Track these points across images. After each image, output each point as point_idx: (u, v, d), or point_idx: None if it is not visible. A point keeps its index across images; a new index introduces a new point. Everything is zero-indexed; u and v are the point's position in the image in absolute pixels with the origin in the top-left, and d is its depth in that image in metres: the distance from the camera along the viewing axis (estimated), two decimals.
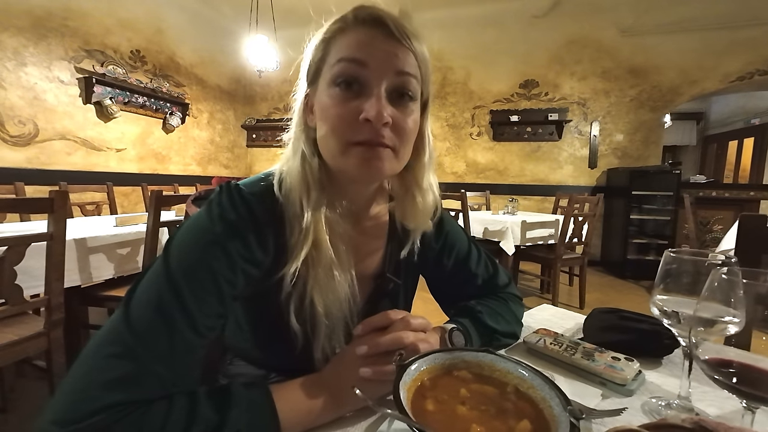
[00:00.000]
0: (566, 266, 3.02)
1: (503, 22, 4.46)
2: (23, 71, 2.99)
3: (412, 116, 0.46)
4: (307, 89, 0.49)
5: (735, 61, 3.86)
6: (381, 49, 0.43)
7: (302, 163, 0.47)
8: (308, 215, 0.45)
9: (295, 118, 0.51)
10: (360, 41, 0.43)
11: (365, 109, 0.42)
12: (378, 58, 0.43)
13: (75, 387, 0.32)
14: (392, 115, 0.43)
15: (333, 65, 0.44)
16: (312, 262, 0.45)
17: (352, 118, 0.43)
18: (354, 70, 0.43)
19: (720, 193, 4.08)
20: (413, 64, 0.45)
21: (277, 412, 0.37)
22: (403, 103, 0.45)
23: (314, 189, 0.47)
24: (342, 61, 0.44)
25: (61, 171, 3.24)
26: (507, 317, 0.60)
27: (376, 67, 0.43)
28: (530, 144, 4.57)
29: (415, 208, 0.53)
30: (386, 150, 0.44)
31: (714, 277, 0.37)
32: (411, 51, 0.45)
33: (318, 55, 0.47)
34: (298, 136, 0.50)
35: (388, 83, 0.44)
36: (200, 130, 4.76)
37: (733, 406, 0.45)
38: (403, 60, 0.44)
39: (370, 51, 0.43)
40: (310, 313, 0.47)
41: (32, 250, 1.15)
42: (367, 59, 0.43)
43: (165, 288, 0.37)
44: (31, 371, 1.58)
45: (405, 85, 0.45)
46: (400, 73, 0.44)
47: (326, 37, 0.46)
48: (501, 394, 0.36)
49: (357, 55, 0.43)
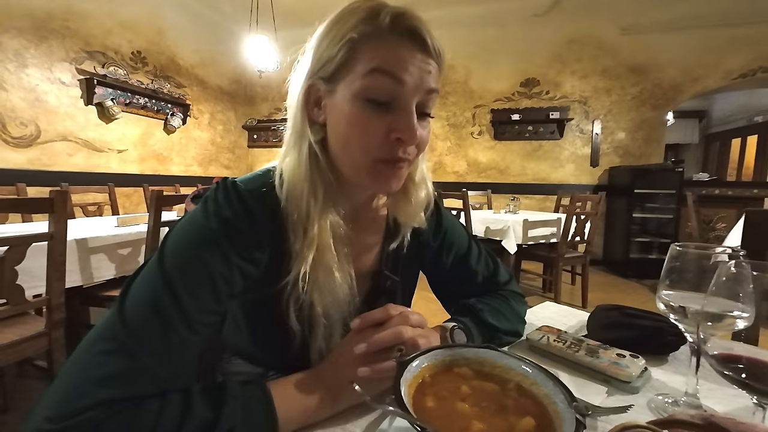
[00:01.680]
0: (568, 265, 3.00)
1: (504, 20, 4.45)
2: (24, 73, 2.99)
3: (430, 129, 0.47)
4: (311, 81, 0.44)
5: (737, 58, 3.84)
6: (417, 66, 0.41)
7: (309, 161, 0.44)
8: (316, 220, 0.44)
9: (295, 111, 0.46)
10: (399, 56, 0.40)
11: (399, 130, 0.41)
12: (415, 76, 0.41)
13: (68, 383, 0.32)
14: (419, 134, 0.43)
15: (365, 74, 0.40)
16: (314, 265, 0.45)
17: (383, 135, 0.42)
18: (391, 86, 0.41)
19: (723, 191, 4.06)
20: (437, 79, 0.44)
21: (274, 408, 0.36)
22: (426, 119, 0.45)
23: (321, 189, 0.45)
24: (378, 72, 0.40)
25: (63, 172, 3.24)
26: (509, 315, 0.59)
27: (413, 85, 0.41)
28: (531, 143, 4.56)
29: (407, 201, 0.53)
30: (405, 164, 0.45)
31: (722, 271, 0.36)
32: (439, 66, 0.44)
33: (341, 54, 0.41)
34: (300, 133, 0.45)
35: (418, 101, 0.43)
36: (201, 130, 4.76)
37: (742, 404, 0.44)
38: (434, 77, 0.43)
39: (409, 68, 0.41)
40: (308, 313, 0.46)
41: (33, 251, 1.15)
42: (406, 78, 0.41)
43: (160, 285, 0.37)
44: (32, 371, 1.58)
45: (430, 103, 0.44)
46: (429, 91, 0.43)
47: (353, 36, 0.40)
48: (502, 391, 0.35)
49: (397, 71, 0.40)
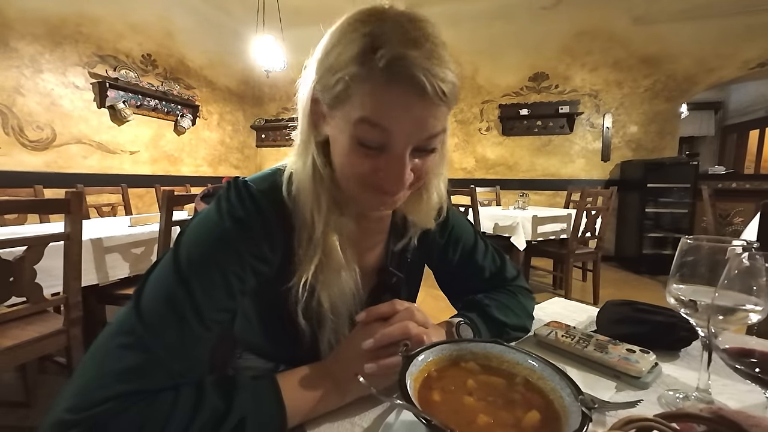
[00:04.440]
0: (579, 261, 2.96)
1: (511, 14, 4.38)
2: (40, 78, 3.07)
3: (435, 156, 0.43)
4: (315, 94, 0.42)
5: (754, 47, 3.72)
6: (412, 116, 0.37)
7: (313, 173, 0.45)
8: (320, 226, 0.44)
9: (302, 117, 0.45)
10: (390, 103, 0.36)
11: (386, 178, 0.40)
12: (408, 126, 0.38)
13: (87, 376, 0.33)
14: (414, 167, 0.41)
15: (354, 122, 0.38)
16: (321, 267, 0.45)
17: (371, 172, 0.41)
18: (380, 137, 0.38)
19: (740, 185, 3.94)
20: (444, 118, 0.40)
21: (282, 399, 0.37)
22: (428, 151, 0.42)
23: (325, 202, 0.45)
24: (366, 123, 0.37)
25: (78, 174, 3.32)
26: (516, 310, 0.59)
27: (404, 135, 0.38)
28: (541, 138, 4.50)
29: (420, 204, 0.52)
30: (402, 194, 0.44)
31: (734, 264, 0.35)
32: (444, 105, 0.38)
33: (337, 89, 0.38)
34: (307, 141, 0.45)
35: (415, 145, 0.40)
36: (210, 131, 4.82)
37: (756, 399, 0.43)
38: (434, 122, 0.39)
39: (400, 119, 0.37)
40: (316, 310, 0.47)
41: (51, 251, 1.18)
42: (395, 128, 0.38)
43: (174, 282, 0.37)
44: (52, 368, 1.63)
45: (431, 143, 0.41)
46: (428, 137, 0.40)
47: (346, 78, 0.37)
48: (509, 385, 0.35)
49: (385, 123, 0.37)
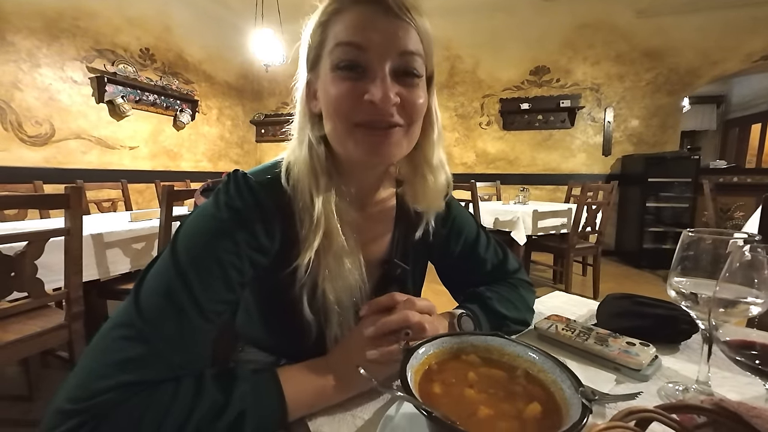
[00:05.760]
0: (579, 256, 2.96)
1: (512, 6, 4.33)
2: (38, 72, 3.05)
3: (421, 93, 0.45)
4: (308, 75, 0.48)
5: (758, 39, 3.68)
6: (380, 29, 0.41)
7: (309, 151, 0.46)
8: (319, 205, 0.45)
9: (299, 107, 0.49)
10: (357, 23, 0.41)
11: (370, 91, 0.41)
12: (378, 40, 0.41)
13: (88, 367, 0.33)
14: (400, 94, 0.42)
15: (332, 50, 0.43)
16: (323, 251, 0.45)
17: (356, 98, 0.42)
18: (354, 54, 0.41)
19: (742, 179, 3.94)
20: (416, 40, 0.43)
21: (283, 392, 0.37)
22: (410, 80, 0.44)
23: (322, 177, 0.46)
24: (340, 45, 0.42)
25: (78, 169, 3.31)
26: (517, 303, 0.59)
27: (377, 49, 0.41)
28: (541, 132, 4.48)
29: (426, 187, 0.52)
30: (397, 130, 0.44)
31: (736, 257, 0.35)
32: (413, 26, 0.42)
33: (316, 39, 0.45)
34: (302, 125, 0.48)
35: (392, 64, 0.42)
36: (210, 126, 4.80)
37: (756, 392, 0.44)
38: (405, 39, 0.42)
39: (369, 33, 0.41)
40: (322, 302, 0.47)
41: (52, 246, 1.18)
42: (366, 43, 0.41)
43: (173, 275, 0.38)
44: (55, 362, 1.64)
45: (409, 64, 0.43)
46: (403, 53, 0.42)
47: (322, 20, 0.44)
48: (510, 378, 0.35)
49: (355, 39, 0.41)
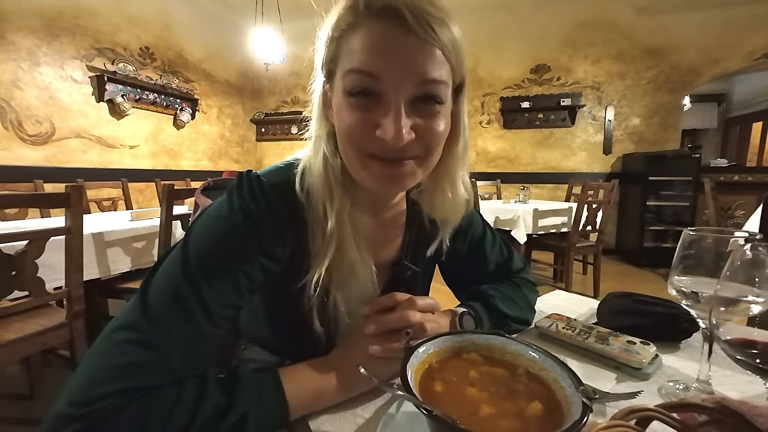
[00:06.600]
0: (580, 254, 2.96)
1: (513, 4, 4.32)
2: (38, 71, 3.05)
3: (442, 120, 0.40)
4: (324, 85, 0.44)
5: (759, 37, 3.67)
6: (397, 54, 0.36)
7: (324, 164, 0.44)
8: (332, 221, 0.43)
9: (315, 113, 0.46)
10: (372, 46, 0.36)
11: (382, 126, 0.37)
12: (394, 67, 0.36)
13: (90, 370, 0.33)
14: (416, 126, 0.38)
15: (344, 75, 0.38)
16: (336, 265, 0.44)
17: (368, 130, 0.38)
18: (367, 83, 0.37)
19: (742, 177, 3.93)
20: (440, 62, 0.37)
21: (285, 393, 0.37)
22: (430, 108, 0.39)
23: (337, 193, 0.44)
24: (352, 72, 0.37)
25: (78, 168, 3.30)
26: (519, 303, 0.59)
27: (393, 79, 0.36)
28: (542, 131, 4.47)
29: (445, 201, 0.49)
30: (409, 163, 0.40)
31: (737, 255, 0.35)
32: (437, 46, 0.37)
33: (330, 53, 0.41)
34: (318, 134, 0.46)
35: (409, 94, 0.37)
36: (210, 125, 4.79)
37: (756, 390, 0.44)
38: (426, 64, 0.37)
39: (384, 59, 0.36)
40: (333, 313, 0.46)
41: (52, 245, 1.18)
42: (379, 71, 0.36)
43: (182, 276, 0.37)
44: (56, 360, 1.64)
45: (430, 92, 0.38)
46: (423, 82, 0.37)
47: (335, 35, 0.39)
48: (511, 376, 0.35)
49: (368, 67, 0.37)
